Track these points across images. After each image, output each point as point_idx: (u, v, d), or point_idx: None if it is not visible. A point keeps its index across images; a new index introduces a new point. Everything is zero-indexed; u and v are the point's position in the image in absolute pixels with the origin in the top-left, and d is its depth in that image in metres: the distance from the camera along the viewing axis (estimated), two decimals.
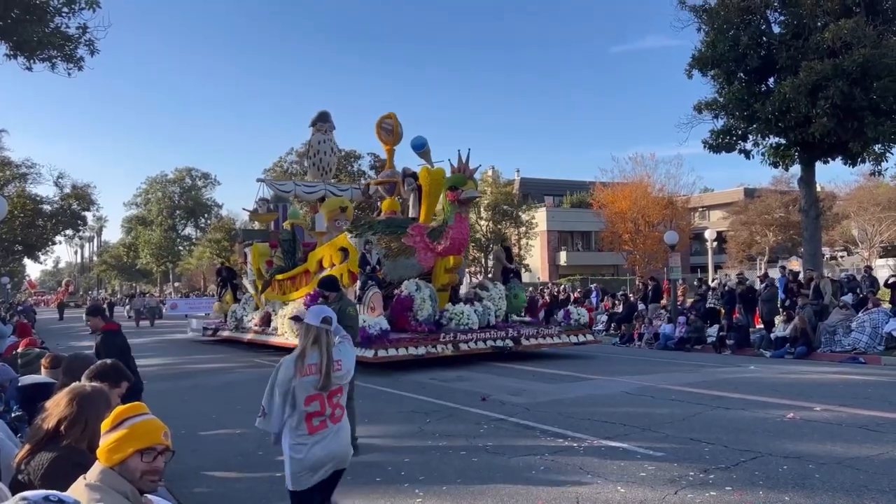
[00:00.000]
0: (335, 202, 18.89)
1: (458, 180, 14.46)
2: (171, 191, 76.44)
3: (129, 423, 2.30)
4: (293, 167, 58.02)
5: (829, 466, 5.78)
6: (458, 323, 14.30)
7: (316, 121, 21.49)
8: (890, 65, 18.28)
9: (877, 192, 43.89)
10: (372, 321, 13.07)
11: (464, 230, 15.15)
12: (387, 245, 15.48)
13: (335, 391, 3.90)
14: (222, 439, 7.80)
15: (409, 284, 14.45)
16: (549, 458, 6.38)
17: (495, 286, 16.22)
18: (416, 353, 13.04)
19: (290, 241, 20.09)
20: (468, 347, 13.82)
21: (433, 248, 15.04)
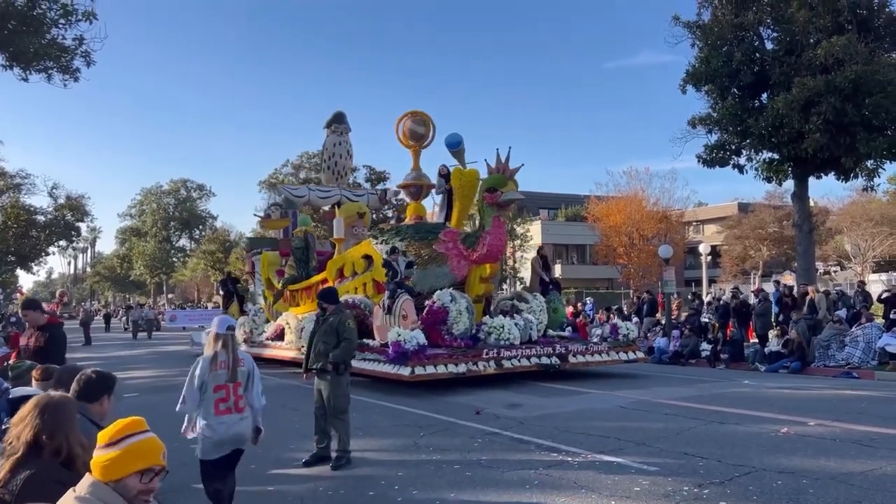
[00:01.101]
0: (352, 207, 17.94)
1: (498, 181, 13.29)
2: (165, 202, 76.44)
3: (131, 441, 2.28)
4: (288, 179, 58.17)
5: (823, 482, 5.78)
6: (497, 338, 13.16)
7: (331, 122, 20.53)
8: (881, 81, 18.46)
9: (869, 207, 44.11)
10: (408, 335, 11.83)
11: (502, 236, 13.85)
12: (416, 252, 14.33)
13: (238, 384, 5.08)
14: None
15: (443, 295, 13.16)
16: (543, 472, 6.36)
17: (535, 298, 14.98)
18: (457, 371, 11.77)
19: (304, 250, 18.80)
20: (511, 365, 12.53)
21: (467, 256, 13.92)
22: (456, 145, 15.82)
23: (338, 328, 7.08)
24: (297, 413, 10.17)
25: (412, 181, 17.68)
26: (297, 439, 8.17)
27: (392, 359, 11.70)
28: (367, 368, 12.47)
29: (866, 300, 17.58)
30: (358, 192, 21.85)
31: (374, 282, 14.44)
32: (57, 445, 2.67)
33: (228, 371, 5.05)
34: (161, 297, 77.11)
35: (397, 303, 12.90)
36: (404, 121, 17.56)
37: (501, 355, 12.57)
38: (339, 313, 7.31)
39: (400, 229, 15.54)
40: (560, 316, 16.03)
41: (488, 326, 13.34)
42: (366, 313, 14.10)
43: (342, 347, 7.01)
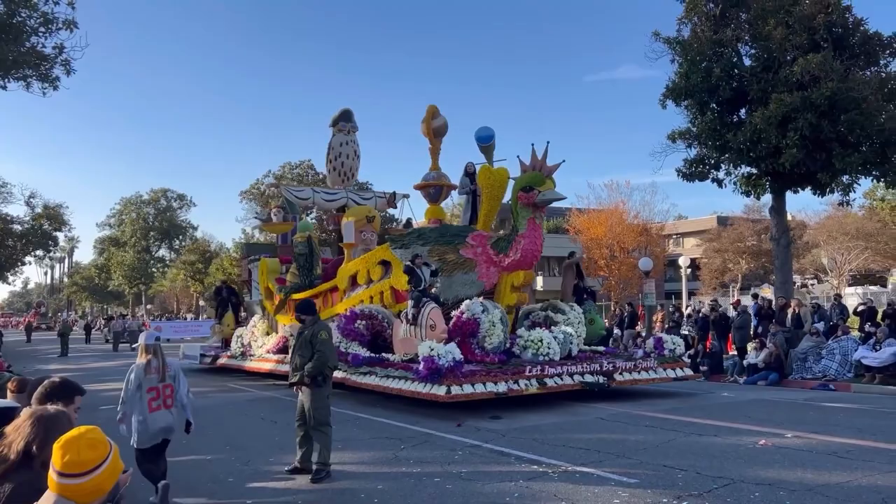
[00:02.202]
0: (361, 211, 16.77)
1: (534, 179, 12.18)
2: (145, 211, 75.79)
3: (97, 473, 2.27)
4: (270, 190, 57.95)
5: (799, 493, 5.83)
6: (535, 353, 11.96)
7: (337, 120, 19.38)
8: (856, 98, 18.78)
9: (845, 221, 44.77)
10: (442, 349, 10.56)
11: (538, 240, 12.56)
12: (440, 257, 12.93)
13: (167, 385, 6.15)
14: (193, 466, 7.65)
15: (474, 305, 11.94)
16: (523, 484, 6.36)
17: (572, 308, 13.72)
18: (498, 391, 10.56)
19: (308, 256, 17.37)
20: (555, 384, 11.28)
21: (498, 262, 12.72)
22: (487, 139, 14.71)
23: (311, 340, 7.08)
24: (276, 426, 10.10)
25: (432, 181, 16.16)
26: (276, 452, 8.10)
27: (424, 376, 10.54)
28: (392, 387, 11.39)
29: (843, 313, 17.81)
30: (365, 194, 20.73)
31: (393, 290, 13.53)
32: (47, 457, 2.67)
33: (159, 375, 6.15)
34: (140, 308, 76.24)
35: (423, 312, 11.83)
36: (431, 116, 16.12)
37: (546, 372, 11.32)
38: (313, 325, 7.27)
39: (422, 232, 14.10)
40: (598, 328, 14.93)
41: (524, 340, 12.23)
42: (384, 324, 13.39)
43: (315, 360, 6.97)
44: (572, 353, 12.76)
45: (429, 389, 10.45)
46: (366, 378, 12.05)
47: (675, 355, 13.60)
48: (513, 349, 12.22)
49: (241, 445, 8.38)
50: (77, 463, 2.27)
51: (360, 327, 13.19)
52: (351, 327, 13.19)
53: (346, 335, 13.12)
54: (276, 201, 59.29)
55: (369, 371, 12.10)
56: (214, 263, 62.82)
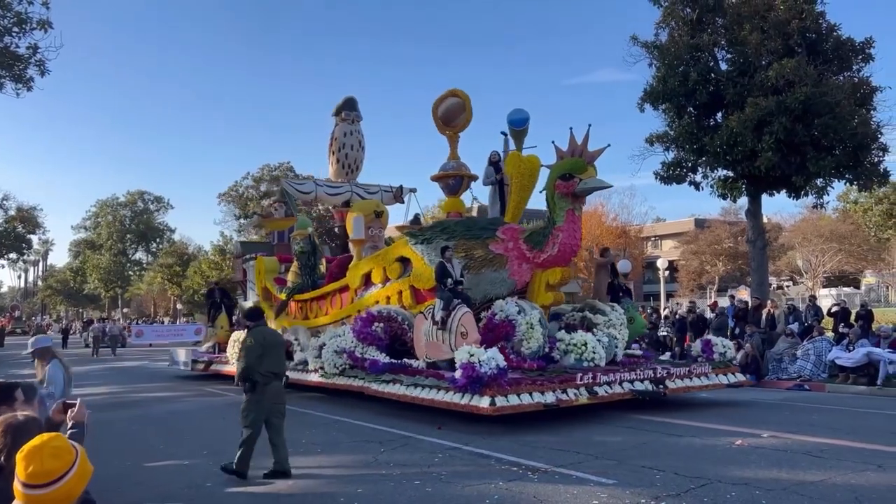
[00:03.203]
0: (368, 205, 15.80)
1: (574, 166, 11.11)
2: (122, 214, 74.93)
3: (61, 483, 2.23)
4: (249, 192, 57.59)
5: (775, 493, 5.90)
6: (578, 358, 10.95)
7: (340, 109, 18.44)
8: (829, 103, 19.11)
9: (820, 223, 45.49)
10: (483, 354, 9.32)
11: (577, 233, 11.53)
12: (467, 253, 11.79)
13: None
14: (169, 471, 7.57)
15: (508, 305, 11.06)
16: (502, 486, 6.37)
17: (614, 309, 12.68)
18: (547, 402, 9.44)
19: (310, 254, 16.35)
20: (606, 393, 10.18)
21: (532, 258, 11.61)
22: (521, 123, 13.50)
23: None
24: None
25: (451, 171, 14.76)
26: (255, 456, 8.02)
27: (461, 385, 9.36)
28: (421, 397, 10.17)
29: (817, 314, 18.08)
30: (371, 188, 19.44)
31: (413, 289, 12.57)
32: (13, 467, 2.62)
33: (67, 372, 6.51)
34: (116, 312, 75.35)
35: (454, 316, 10.68)
36: (443, 102, 14.78)
37: (598, 380, 10.22)
38: (250, 331, 7.29)
39: (447, 225, 12.79)
40: (639, 327, 13.92)
41: (566, 343, 11.18)
42: (404, 327, 12.29)
43: (237, 366, 7.05)
44: (617, 357, 11.89)
45: (467, 401, 9.28)
46: (389, 387, 10.94)
47: (726, 359, 12.57)
48: (552, 354, 11.14)
49: (219, 450, 8.29)
50: (41, 473, 2.22)
51: (377, 330, 12.12)
52: (368, 330, 12.08)
53: (363, 339, 12.05)
54: (254, 203, 59.01)
55: (393, 379, 11.00)
56: (192, 266, 62.32)
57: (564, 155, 11.39)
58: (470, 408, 9.21)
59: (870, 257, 47.21)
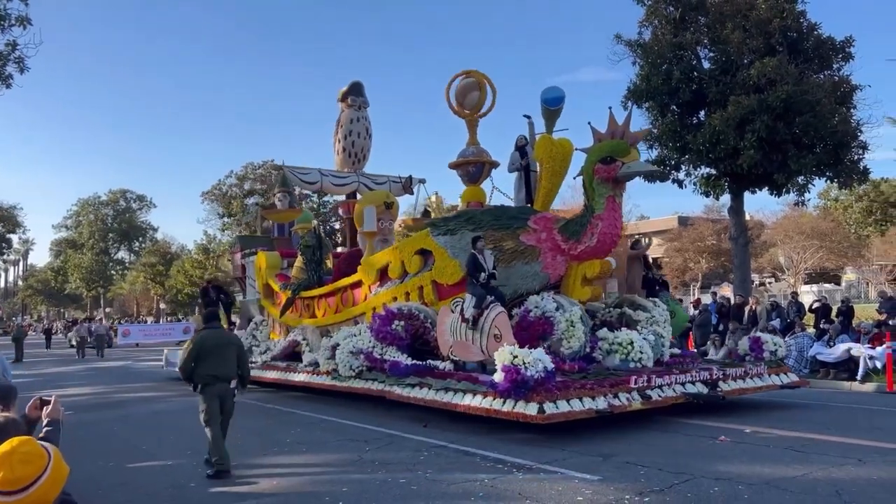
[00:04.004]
0: (378, 196, 14.94)
1: (616, 149, 10.22)
2: (103, 213, 74.35)
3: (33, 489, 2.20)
4: (232, 191, 57.27)
5: (757, 487, 5.97)
6: (624, 358, 10.20)
7: (347, 94, 17.40)
8: (810, 101, 19.30)
9: (801, 221, 45.95)
10: (529, 356, 8.41)
11: (618, 222, 10.68)
12: (496, 245, 10.88)
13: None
14: (153, 472, 7.52)
15: (545, 301, 10.28)
16: (488, 483, 6.39)
17: (656, 305, 11.80)
18: (599, 408, 8.64)
19: (316, 248, 15.47)
20: (659, 397, 9.37)
21: (568, 250, 10.70)
22: (556, 102, 12.58)
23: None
24: (239, 430, 9.94)
25: (471, 158, 13.71)
26: (239, 456, 8.00)
27: (504, 390, 8.49)
28: (456, 403, 9.29)
29: (800, 311, 18.26)
30: (378, 178, 18.46)
31: (435, 284, 11.63)
32: None
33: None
34: (98, 311, 74.68)
35: (487, 316, 9.86)
36: (457, 82, 13.83)
37: (653, 383, 9.46)
38: (195, 334, 7.62)
39: (472, 215, 11.84)
40: (681, 320, 12.97)
41: (609, 343, 10.43)
42: (426, 325, 11.32)
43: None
44: (664, 358, 11.05)
45: (510, 407, 8.47)
46: (415, 391, 10.08)
47: (777, 358, 11.72)
48: (593, 354, 10.37)
49: (203, 450, 8.24)
50: (12, 480, 2.19)
51: (398, 329, 11.19)
52: (387, 329, 11.19)
53: (382, 339, 11.21)
54: (238, 202, 58.56)
55: (420, 383, 10.12)
56: (175, 265, 61.91)
57: (602, 137, 10.48)
58: (515, 415, 8.38)
59: (850, 254, 47.78)
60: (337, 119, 17.79)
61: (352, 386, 11.48)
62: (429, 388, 9.89)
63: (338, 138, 17.78)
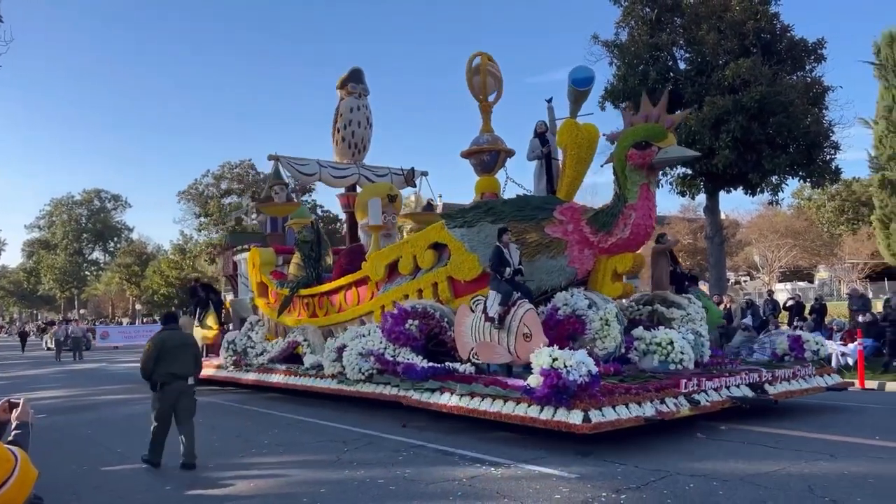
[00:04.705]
0: (381, 188, 14.31)
1: (652, 133, 9.58)
2: (77, 213, 73.41)
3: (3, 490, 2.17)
4: (209, 190, 56.79)
5: (732, 483, 6.04)
6: (664, 359, 9.43)
7: (346, 81, 16.66)
8: (784, 102, 19.58)
9: (775, 220, 46.58)
10: (571, 358, 7.68)
11: (652, 212, 9.92)
12: (519, 237, 10.11)
13: None
14: (128, 475, 7.43)
15: (576, 298, 9.52)
16: (466, 483, 6.40)
17: (691, 301, 10.94)
18: (647, 415, 7.95)
19: (314, 244, 14.76)
20: (707, 402, 8.69)
21: (597, 243, 9.95)
22: (586, 82, 11.82)
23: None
24: (217, 431, 9.91)
25: (486, 146, 12.86)
26: (216, 457, 7.95)
27: (542, 396, 7.77)
28: (482, 410, 8.61)
29: (775, 308, 18.52)
30: (379, 170, 17.62)
31: (450, 281, 10.89)
32: None
33: None
34: (72, 313, 73.64)
35: (515, 314, 9.07)
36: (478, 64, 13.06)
37: (703, 386, 8.78)
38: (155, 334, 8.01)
39: (492, 206, 11.03)
40: (715, 316, 12.41)
41: (646, 343, 9.66)
42: (442, 324, 10.53)
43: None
44: (703, 358, 10.29)
45: (549, 415, 7.75)
46: (434, 397, 9.40)
47: (819, 358, 11.00)
48: (628, 355, 9.71)
49: (178, 452, 8.17)
50: None
51: (412, 329, 10.46)
52: (400, 329, 10.46)
53: (395, 339, 10.49)
54: (215, 202, 58.04)
55: (441, 387, 9.43)
56: (151, 266, 61.29)
57: (635, 121, 9.88)
58: (556, 425, 7.64)
59: (823, 252, 48.54)
60: (336, 107, 17.00)
61: (360, 390, 10.82)
62: (451, 392, 9.19)
63: (337, 127, 17.00)
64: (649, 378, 8.84)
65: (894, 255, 22.93)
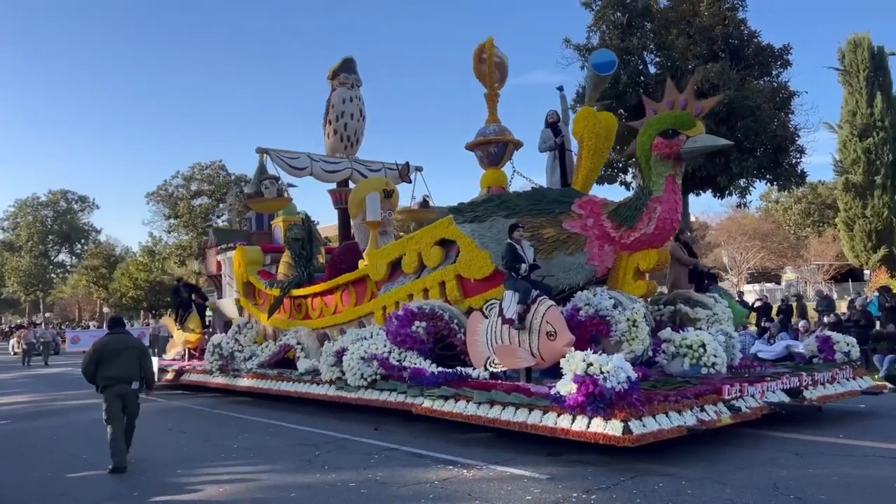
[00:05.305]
0: (377, 183, 13.64)
1: (680, 120, 8.99)
2: (43, 214, 71.94)
3: None
4: (178, 191, 56.09)
5: (699, 482, 6.13)
6: (695, 363, 8.67)
7: (337, 71, 16.02)
8: (751, 107, 19.97)
9: (744, 222, 47.42)
10: (608, 363, 7.05)
11: (678, 206, 9.34)
12: (535, 233, 9.51)
13: None
14: (94, 481, 7.30)
15: (599, 297, 8.86)
16: (438, 485, 6.41)
17: (717, 301, 10.30)
18: (689, 424, 7.36)
19: (306, 242, 14.08)
20: (748, 409, 8.06)
21: (618, 238, 9.36)
22: (608, 67, 11.15)
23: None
24: (185, 436, 9.80)
25: (493, 137, 12.12)
26: (185, 463, 7.85)
27: (576, 405, 7.12)
28: (505, 419, 7.93)
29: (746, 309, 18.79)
30: (373, 164, 16.81)
31: (459, 279, 10.27)
32: None
33: None
34: (38, 316, 72.15)
35: (536, 312, 8.52)
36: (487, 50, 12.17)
37: (746, 392, 8.23)
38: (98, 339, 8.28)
39: (505, 199, 10.34)
40: (739, 315, 11.79)
41: (676, 345, 8.88)
42: (452, 326, 9.80)
43: None
44: (734, 362, 9.64)
45: (584, 426, 7.10)
46: (449, 405, 8.73)
47: (850, 360, 10.32)
48: (655, 358, 9.01)
49: (145, 457, 8.07)
50: None
51: (419, 331, 9.82)
52: (407, 332, 9.84)
53: (401, 342, 9.85)
54: (184, 203, 57.31)
55: (455, 394, 8.75)
56: (120, 268, 60.35)
57: (659, 109, 9.34)
58: (593, 436, 6.99)
59: (789, 254, 49.51)
60: (327, 99, 16.34)
61: (362, 397, 10.15)
62: (467, 400, 8.56)
63: (328, 120, 16.26)
64: (682, 384, 8.23)
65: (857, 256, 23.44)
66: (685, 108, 9.11)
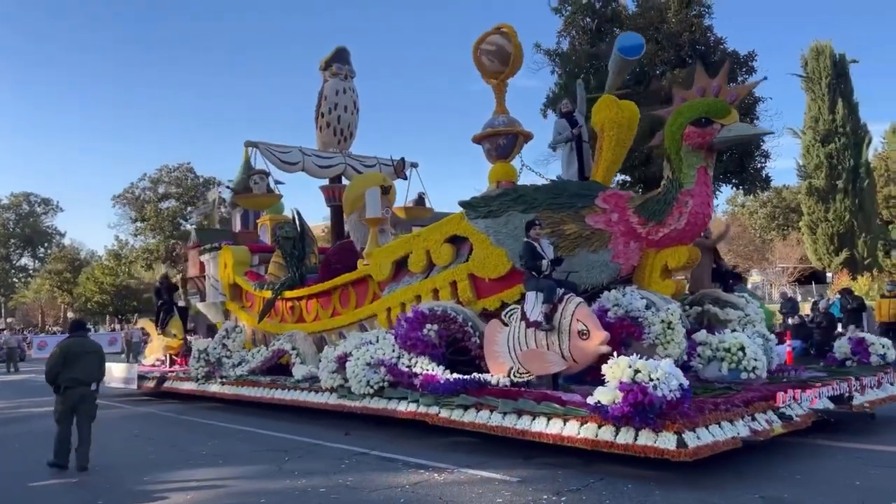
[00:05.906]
0: (374, 178, 13.04)
1: (713, 108, 8.39)
2: (4, 217, 70.27)
3: None
4: (146, 194, 55.26)
5: (668, 484, 6.19)
6: (734, 367, 8.20)
7: (330, 61, 15.43)
8: None
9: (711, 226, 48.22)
10: (657, 370, 6.40)
11: (710, 199, 8.79)
12: (555, 229, 8.88)
13: None
14: (57, 490, 7.15)
15: (630, 297, 8.29)
16: (409, 489, 6.39)
17: (749, 302, 9.66)
18: (742, 435, 6.69)
19: (298, 241, 13.48)
20: (798, 417, 7.45)
21: (646, 234, 8.70)
22: (636, 50, 10.63)
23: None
24: (152, 442, 9.64)
25: (502, 128, 11.45)
26: (151, 470, 7.72)
27: (622, 415, 6.42)
28: (537, 431, 7.27)
29: None
30: (367, 159, 16.25)
31: (472, 279, 9.66)
32: None
33: None
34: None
35: (564, 311, 7.98)
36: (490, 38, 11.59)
37: (799, 399, 7.69)
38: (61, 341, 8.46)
39: (522, 192, 9.60)
40: (769, 318, 11.26)
41: (713, 348, 8.40)
42: (466, 329, 9.17)
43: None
44: (772, 365, 9.15)
45: (631, 439, 6.41)
46: (469, 415, 8.04)
47: (887, 362, 9.82)
48: (690, 363, 8.45)
49: (110, 465, 7.92)
50: None
51: (430, 334, 9.16)
52: (417, 335, 9.15)
53: (411, 346, 9.17)
54: (151, 206, 56.45)
55: (477, 403, 8.07)
56: (85, 272, 59.24)
57: (687, 97, 8.84)
58: (643, 450, 6.30)
59: (755, 257, 50.43)
60: (319, 91, 15.67)
61: (368, 406, 9.40)
62: (490, 410, 7.89)
63: (321, 112, 15.64)
64: (723, 390, 7.73)
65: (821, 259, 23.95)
66: (718, 94, 8.64)
